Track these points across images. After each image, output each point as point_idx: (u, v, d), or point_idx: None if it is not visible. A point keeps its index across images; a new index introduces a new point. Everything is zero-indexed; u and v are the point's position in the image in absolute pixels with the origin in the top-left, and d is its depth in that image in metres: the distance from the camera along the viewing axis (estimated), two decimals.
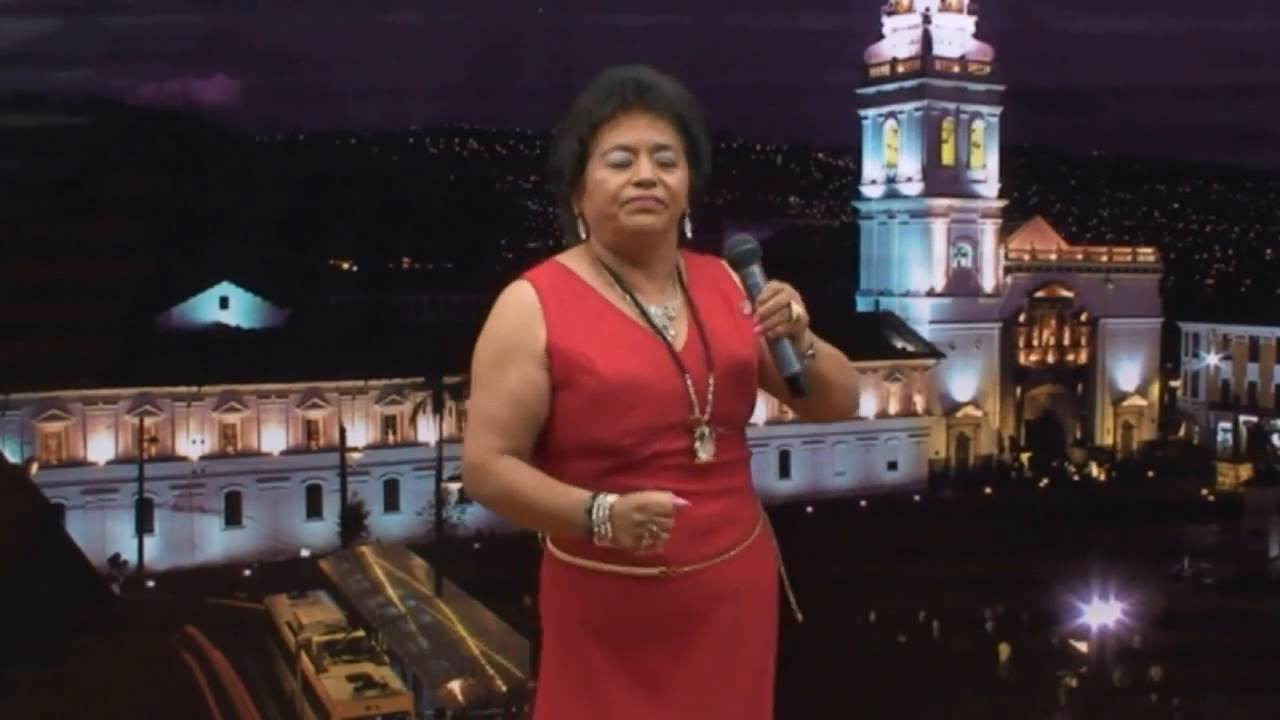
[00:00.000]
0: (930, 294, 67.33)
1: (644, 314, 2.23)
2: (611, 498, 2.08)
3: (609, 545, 2.08)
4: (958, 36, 70.82)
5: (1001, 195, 71.74)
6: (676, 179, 2.21)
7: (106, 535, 48.96)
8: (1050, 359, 71.31)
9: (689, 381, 2.19)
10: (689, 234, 2.30)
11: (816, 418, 2.31)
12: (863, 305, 70.08)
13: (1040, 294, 71.08)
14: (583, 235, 2.28)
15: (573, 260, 2.28)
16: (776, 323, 2.10)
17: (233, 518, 53.19)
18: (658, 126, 2.21)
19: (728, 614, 2.23)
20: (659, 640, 2.21)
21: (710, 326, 2.23)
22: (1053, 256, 72.62)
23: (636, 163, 2.19)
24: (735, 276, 2.25)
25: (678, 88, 2.26)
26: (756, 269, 2.17)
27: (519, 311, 2.21)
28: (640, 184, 2.19)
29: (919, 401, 64.01)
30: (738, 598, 2.24)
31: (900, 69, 70.54)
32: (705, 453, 2.20)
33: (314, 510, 54.12)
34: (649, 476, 2.16)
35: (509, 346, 2.19)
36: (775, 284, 2.14)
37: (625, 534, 2.06)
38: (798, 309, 2.10)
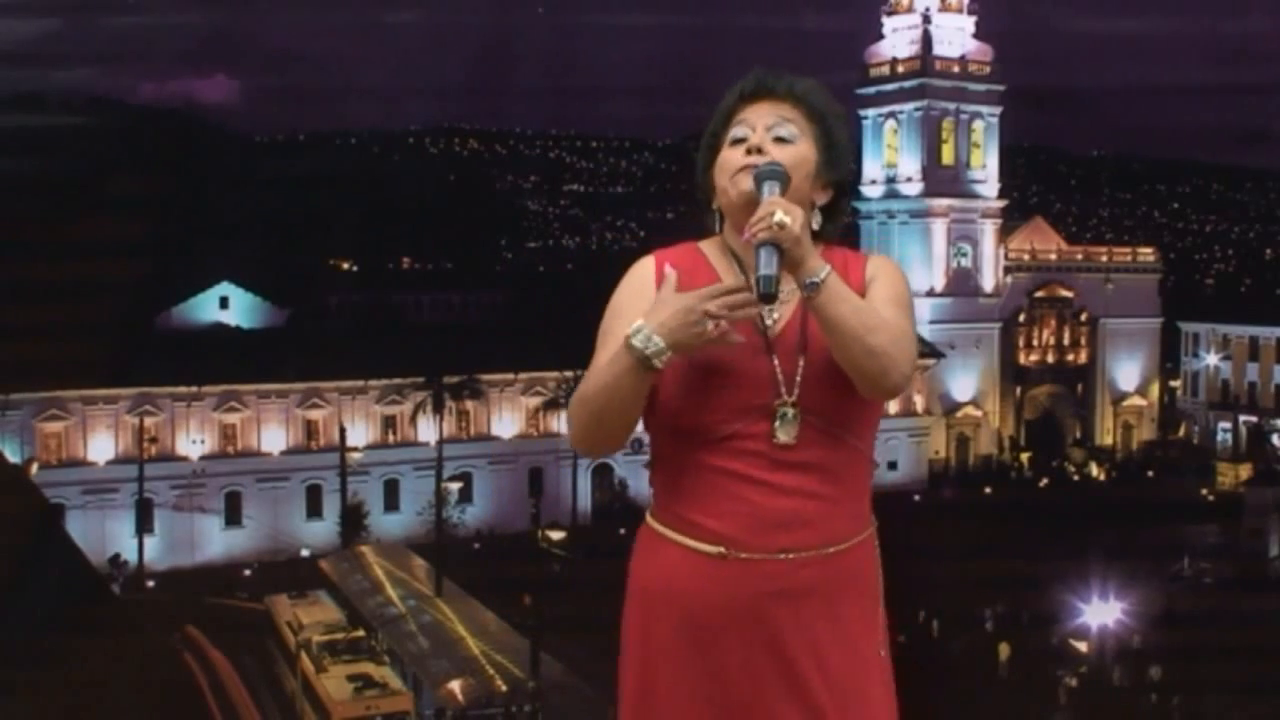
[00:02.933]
0: (930, 294, 67.33)
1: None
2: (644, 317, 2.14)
3: (657, 348, 2.10)
4: (958, 36, 70.86)
5: (1001, 195, 71.77)
6: (790, 152, 2.25)
7: (106, 535, 48.96)
8: (1050, 359, 71.33)
9: (777, 365, 2.21)
10: (815, 226, 2.29)
11: (855, 384, 2.18)
12: None
13: (1040, 294, 71.10)
14: (716, 229, 2.36)
15: (706, 243, 2.36)
16: (759, 229, 2.09)
17: (233, 518, 53.21)
18: (780, 109, 2.28)
19: (777, 613, 2.22)
20: (708, 620, 2.23)
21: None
22: (1053, 256, 72.65)
23: (753, 135, 2.27)
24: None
25: (809, 80, 2.33)
26: (766, 187, 2.18)
27: (635, 284, 2.31)
28: (749, 150, 2.25)
29: (919, 401, 64.04)
30: (792, 602, 2.22)
31: (900, 69, 70.57)
32: (785, 434, 2.20)
33: (314, 510, 54.14)
34: (732, 456, 2.20)
35: (618, 314, 2.27)
36: (774, 198, 2.15)
37: (684, 333, 2.10)
38: (783, 217, 2.08)
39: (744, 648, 2.22)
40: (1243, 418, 71.02)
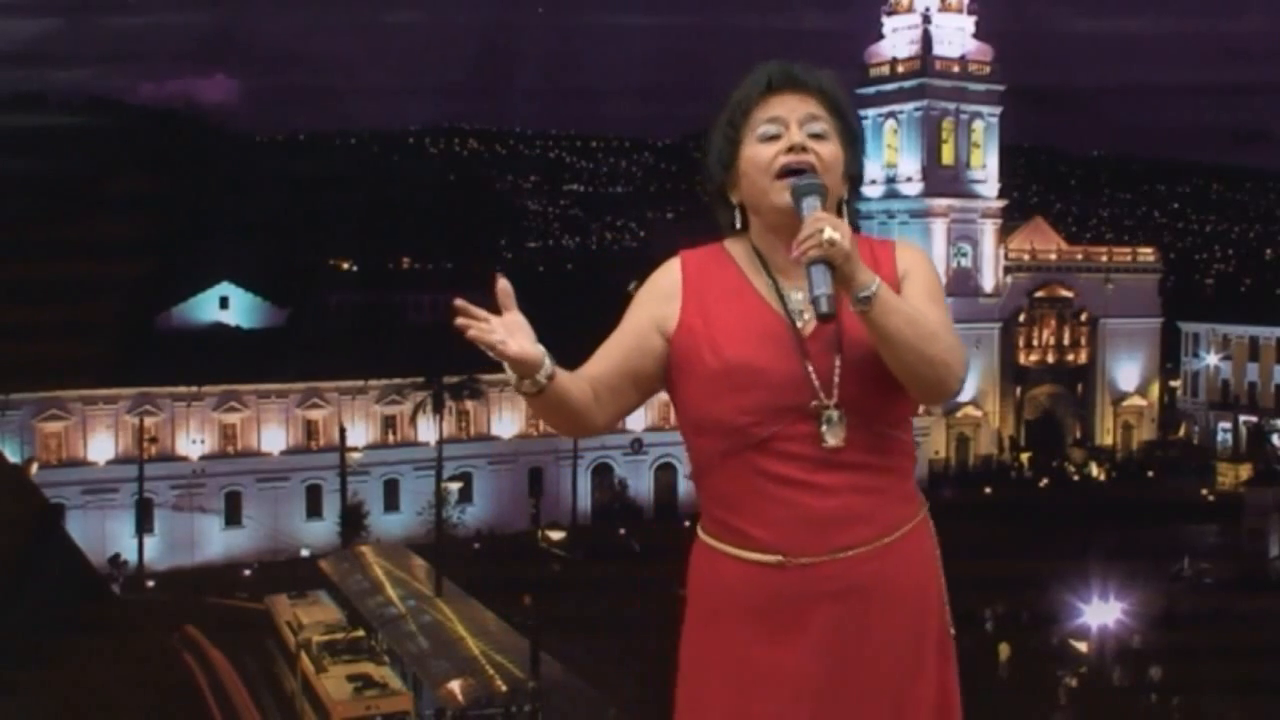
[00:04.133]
0: None
1: (781, 298, 2.24)
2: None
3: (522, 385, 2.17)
4: (958, 36, 70.86)
5: (1001, 195, 71.76)
6: (829, 150, 2.23)
7: (106, 535, 48.95)
8: (1050, 359, 71.33)
9: (810, 367, 2.19)
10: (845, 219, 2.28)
11: (909, 391, 2.18)
12: None
13: (1040, 294, 71.10)
14: (736, 226, 2.31)
15: (731, 242, 2.32)
16: (809, 246, 2.05)
17: (233, 518, 53.21)
18: (808, 102, 2.25)
19: (845, 613, 2.20)
20: (772, 629, 2.20)
21: (850, 312, 2.16)
22: (1053, 256, 72.65)
23: (787, 132, 2.22)
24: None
25: (826, 72, 2.30)
26: (806, 203, 2.14)
27: (663, 285, 2.30)
28: (791, 149, 2.21)
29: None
30: (861, 598, 2.21)
31: (900, 69, 70.56)
32: (834, 437, 2.17)
33: (314, 510, 54.13)
34: (775, 459, 2.17)
35: (635, 308, 2.29)
36: (819, 213, 2.11)
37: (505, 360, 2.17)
38: (833, 234, 2.05)
39: (816, 653, 2.20)
40: (1243, 418, 71.02)
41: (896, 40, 71.61)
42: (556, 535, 45.65)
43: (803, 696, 2.20)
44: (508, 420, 57.70)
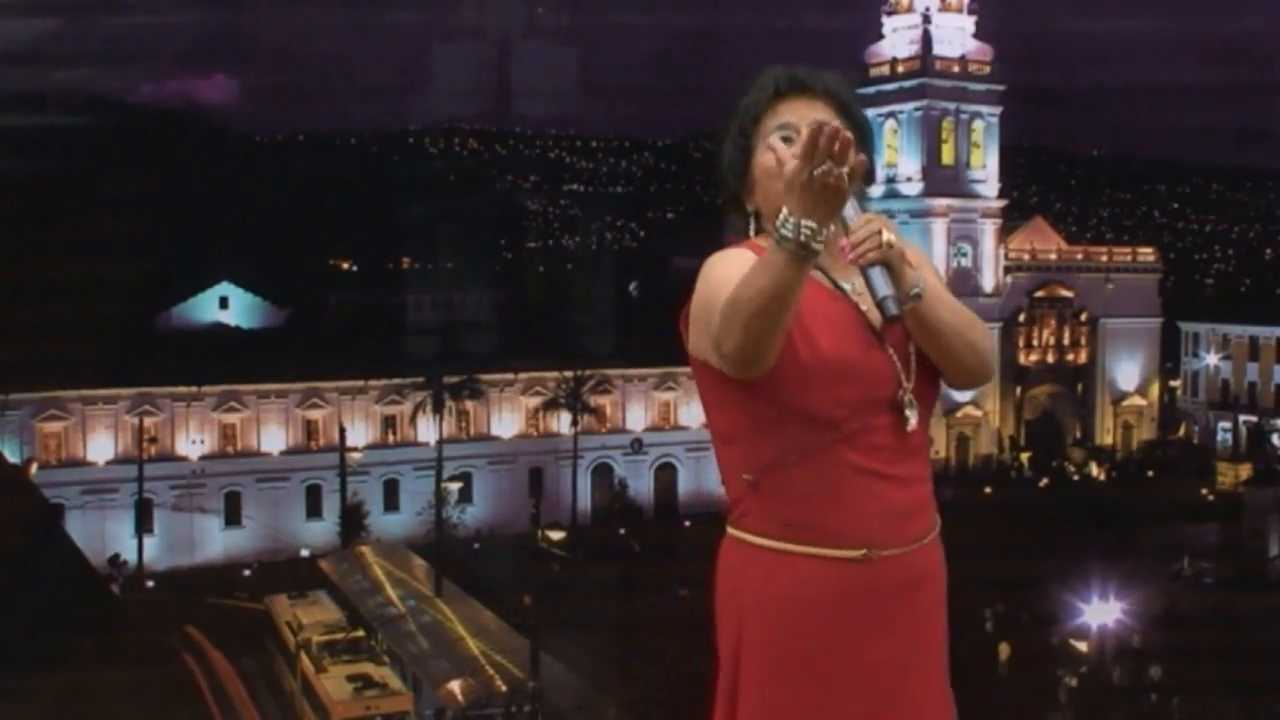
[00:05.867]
0: None
1: (840, 290, 2.23)
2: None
3: (810, 231, 1.96)
4: (958, 36, 70.85)
5: (1001, 195, 71.77)
6: None
7: (106, 535, 48.97)
8: (1050, 359, 71.34)
9: (893, 355, 2.20)
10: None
11: (950, 379, 2.24)
12: None
13: (1040, 294, 71.11)
14: (751, 233, 2.30)
15: (761, 242, 2.24)
16: (868, 249, 2.05)
17: (233, 518, 53.21)
18: (816, 106, 2.25)
19: (919, 601, 2.24)
20: (857, 625, 2.20)
21: None
22: (1053, 256, 72.66)
23: (798, 138, 2.18)
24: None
25: (832, 74, 2.31)
26: (852, 202, 2.10)
27: (733, 259, 2.19)
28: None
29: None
30: (925, 586, 2.26)
31: (900, 69, 70.56)
32: (915, 419, 2.20)
33: (314, 510, 54.14)
34: (861, 452, 2.16)
35: (727, 282, 2.10)
36: (868, 214, 2.11)
37: (810, 198, 1.97)
38: (889, 236, 2.06)
39: (889, 646, 2.21)
40: (1243, 418, 71.02)
41: (896, 40, 71.60)
42: (556, 535, 45.63)
43: (896, 692, 2.22)
44: (508, 420, 57.71)
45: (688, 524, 51.58)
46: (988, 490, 61.58)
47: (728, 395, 2.20)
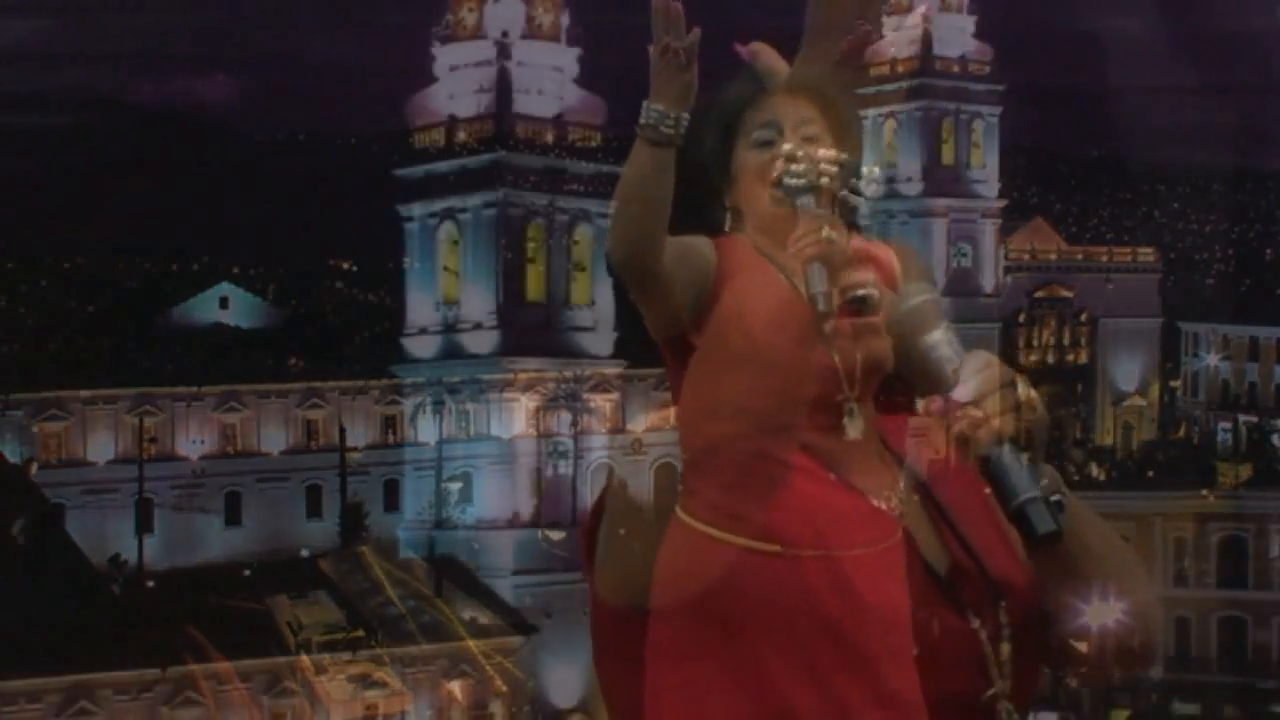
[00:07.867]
0: None
1: (794, 286, 2.17)
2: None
3: (657, 113, 2.00)
4: (958, 36, 70.85)
5: (1001, 195, 71.76)
6: (825, 152, 2.18)
7: (106, 535, 48.92)
8: (1050, 359, 71.34)
9: (837, 359, 2.14)
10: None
11: (922, 389, 2.20)
12: None
13: (1040, 294, 71.12)
14: (726, 229, 2.24)
15: (734, 234, 2.23)
16: (806, 245, 2.04)
17: (233, 518, 53.18)
18: (799, 103, 2.22)
19: (837, 612, 2.12)
20: (766, 622, 2.13)
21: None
22: (1053, 256, 72.68)
23: (781, 137, 2.18)
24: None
25: (823, 69, 2.28)
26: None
27: (701, 249, 2.14)
28: (786, 158, 2.15)
29: (918, 402, 64.00)
30: (864, 596, 2.13)
31: (900, 69, 70.54)
32: (855, 430, 2.14)
33: (314, 510, 54.10)
34: (787, 448, 2.11)
35: (690, 244, 2.11)
36: (814, 212, 2.07)
37: (664, 80, 2.01)
38: (829, 232, 2.02)
39: (797, 648, 2.12)
40: (1243, 418, 70.96)
41: (896, 40, 71.56)
42: (557, 535, 45.62)
43: (787, 694, 2.12)
44: (508, 420, 57.71)
45: None
46: (987, 491, 61.50)
47: (678, 379, 2.20)
